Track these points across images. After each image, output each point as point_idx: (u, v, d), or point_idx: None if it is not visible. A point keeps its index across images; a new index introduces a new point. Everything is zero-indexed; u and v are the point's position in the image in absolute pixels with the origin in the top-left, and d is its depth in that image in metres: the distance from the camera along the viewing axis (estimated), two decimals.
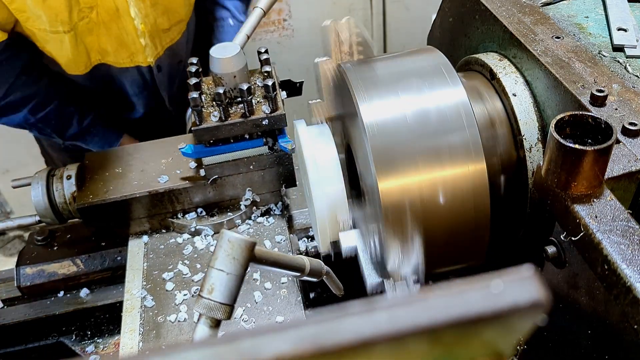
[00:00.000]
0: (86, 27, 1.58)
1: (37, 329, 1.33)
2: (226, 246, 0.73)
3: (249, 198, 1.38)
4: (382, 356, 0.33)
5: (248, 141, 1.31)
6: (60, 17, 1.51)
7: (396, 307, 0.32)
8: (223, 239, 0.73)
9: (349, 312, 0.32)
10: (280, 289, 1.20)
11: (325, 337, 0.31)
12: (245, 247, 0.73)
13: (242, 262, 0.73)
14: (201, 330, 0.74)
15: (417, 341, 0.32)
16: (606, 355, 0.78)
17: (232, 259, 0.73)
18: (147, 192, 1.33)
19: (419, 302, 0.32)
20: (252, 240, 0.74)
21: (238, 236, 0.73)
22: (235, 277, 0.73)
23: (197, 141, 1.28)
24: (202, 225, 1.35)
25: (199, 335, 0.74)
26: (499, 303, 0.32)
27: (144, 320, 1.17)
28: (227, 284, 0.73)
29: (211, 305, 0.73)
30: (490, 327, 0.33)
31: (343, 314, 0.32)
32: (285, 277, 1.22)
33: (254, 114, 1.27)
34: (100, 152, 1.48)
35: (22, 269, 1.37)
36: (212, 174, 1.34)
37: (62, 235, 1.44)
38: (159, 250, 1.33)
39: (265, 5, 1.37)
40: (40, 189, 1.34)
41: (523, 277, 0.33)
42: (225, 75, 1.27)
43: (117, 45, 1.65)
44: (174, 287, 1.23)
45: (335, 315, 0.32)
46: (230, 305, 0.74)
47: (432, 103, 0.94)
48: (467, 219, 0.92)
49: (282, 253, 1.01)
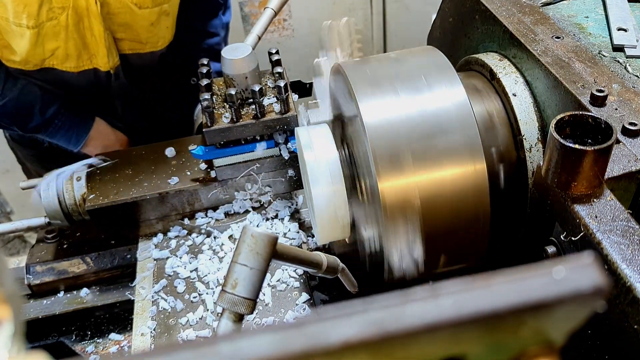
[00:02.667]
0: (52, 30, 1.51)
1: (37, 329, 1.33)
2: (249, 241, 0.73)
3: (260, 199, 1.38)
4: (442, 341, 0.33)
5: (259, 142, 1.31)
6: (28, 9, 1.43)
7: (460, 293, 0.33)
8: (246, 234, 0.73)
9: (413, 297, 0.33)
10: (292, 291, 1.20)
11: (391, 322, 0.31)
12: (269, 242, 0.74)
13: (265, 256, 0.73)
14: (225, 325, 0.74)
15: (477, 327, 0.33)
16: (606, 355, 0.78)
17: (255, 254, 0.73)
18: (157, 194, 1.32)
19: (482, 288, 0.33)
20: (275, 235, 0.74)
21: (261, 231, 0.73)
22: (259, 272, 0.73)
23: (208, 142, 1.28)
24: (212, 227, 1.35)
25: (222, 329, 0.74)
26: (561, 289, 0.33)
27: (156, 323, 1.17)
28: (250, 279, 0.73)
29: (235, 300, 0.73)
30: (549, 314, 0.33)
31: (408, 299, 0.32)
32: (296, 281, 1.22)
33: (266, 116, 1.27)
34: (110, 153, 1.47)
35: (32, 266, 1.36)
36: (223, 175, 1.34)
37: (72, 234, 1.44)
38: (169, 251, 1.33)
39: (276, 6, 1.36)
40: (50, 190, 1.34)
41: (584, 263, 0.34)
42: (236, 76, 1.27)
43: (81, 46, 1.58)
44: (185, 289, 1.23)
45: (401, 301, 0.32)
46: (254, 300, 0.74)
47: (432, 103, 0.94)
48: (467, 219, 0.92)
49: (301, 249, 1.01)
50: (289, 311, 1.16)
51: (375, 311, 0.32)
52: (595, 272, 0.33)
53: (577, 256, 0.34)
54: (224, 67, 1.27)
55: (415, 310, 0.32)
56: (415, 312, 0.32)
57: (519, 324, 0.33)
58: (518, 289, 0.32)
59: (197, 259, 1.29)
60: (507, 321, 0.33)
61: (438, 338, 0.32)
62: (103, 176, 1.37)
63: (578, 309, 0.34)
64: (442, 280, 0.34)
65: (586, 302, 0.33)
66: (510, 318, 0.32)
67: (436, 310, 0.32)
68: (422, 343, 0.32)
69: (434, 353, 0.34)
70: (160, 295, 1.22)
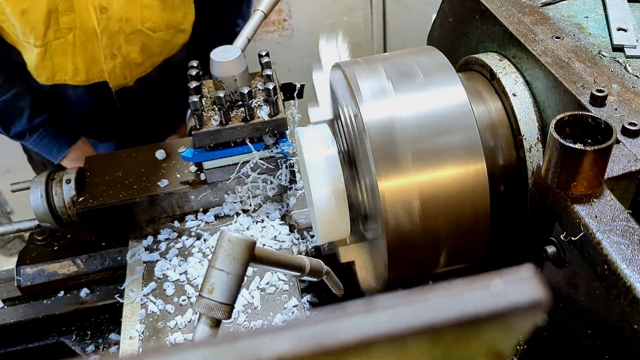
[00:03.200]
0: (60, 47, 1.54)
1: (37, 329, 1.33)
2: (226, 246, 0.73)
3: (250, 202, 1.37)
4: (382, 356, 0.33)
5: (249, 145, 1.31)
6: (35, 32, 1.48)
7: (396, 307, 0.32)
8: (223, 239, 0.73)
9: (348, 311, 0.32)
10: (281, 294, 1.20)
11: (325, 337, 0.31)
12: (246, 247, 0.73)
13: (242, 261, 0.73)
14: (201, 330, 0.74)
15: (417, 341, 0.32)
16: (606, 355, 0.78)
17: (232, 259, 0.73)
18: (147, 196, 1.32)
19: (419, 302, 0.32)
20: (252, 240, 0.74)
21: (238, 236, 0.73)
22: (236, 277, 0.73)
23: (198, 145, 1.28)
24: (202, 230, 1.35)
25: (199, 335, 0.74)
26: (499, 303, 0.32)
27: (144, 327, 1.16)
28: (227, 284, 0.73)
29: (211, 305, 0.73)
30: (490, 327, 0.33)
31: (343, 313, 0.32)
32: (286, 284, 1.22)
33: (255, 118, 1.27)
34: (100, 156, 1.48)
35: (22, 268, 1.36)
36: (213, 177, 1.34)
37: (63, 235, 1.43)
38: (158, 254, 1.32)
39: (266, 8, 1.36)
40: (40, 193, 1.34)
41: (523, 277, 0.33)
42: (225, 78, 1.27)
43: (90, 61, 1.61)
44: (174, 292, 1.23)
45: (335, 315, 0.32)
46: (230, 305, 0.74)
47: (432, 103, 0.94)
48: (467, 219, 0.92)
49: (282, 253, 1.01)
50: (277, 314, 1.15)
51: (310, 326, 0.32)
52: (534, 285, 0.33)
53: (516, 269, 0.34)
54: (213, 69, 1.27)
55: (350, 324, 0.32)
56: (349, 327, 0.31)
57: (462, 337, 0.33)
58: (455, 303, 0.32)
59: (187, 261, 1.28)
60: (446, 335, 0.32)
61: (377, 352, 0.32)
62: (93, 179, 1.37)
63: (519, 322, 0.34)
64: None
65: (526, 315, 0.33)
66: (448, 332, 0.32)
67: (371, 324, 0.31)
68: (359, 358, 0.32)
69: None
70: (149, 298, 1.21)
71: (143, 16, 1.59)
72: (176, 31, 1.71)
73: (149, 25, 1.62)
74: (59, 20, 1.48)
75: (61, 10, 1.47)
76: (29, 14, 1.44)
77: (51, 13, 1.46)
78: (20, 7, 1.42)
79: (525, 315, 0.33)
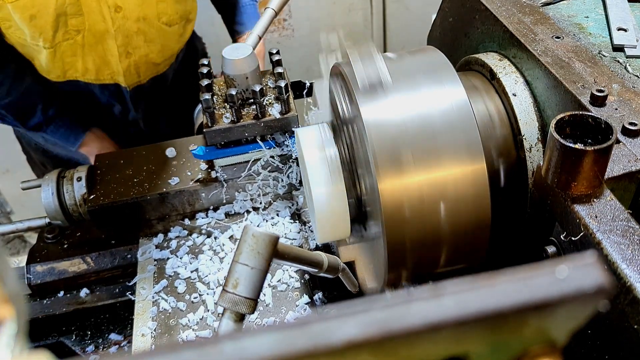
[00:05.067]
0: (69, 48, 1.55)
1: (37, 329, 1.33)
2: (250, 241, 0.73)
3: (260, 199, 1.37)
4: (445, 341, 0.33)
5: (260, 143, 1.31)
6: (44, 35, 1.49)
7: (463, 292, 0.33)
8: (247, 234, 0.73)
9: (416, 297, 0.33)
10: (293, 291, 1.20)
11: (394, 322, 0.32)
12: (270, 242, 0.74)
13: (266, 256, 0.74)
14: (226, 325, 0.74)
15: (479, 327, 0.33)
16: (606, 355, 0.78)
17: (256, 254, 0.73)
18: (157, 194, 1.32)
19: (486, 287, 0.33)
20: (276, 235, 0.74)
21: (262, 231, 0.73)
22: (259, 272, 0.73)
23: (209, 143, 1.28)
24: (212, 228, 1.35)
25: (223, 329, 0.74)
26: (565, 288, 0.33)
27: (156, 324, 1.17)
28: (251, 279, 0.73)
29: (236, 299, 0.73)
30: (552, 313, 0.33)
31: (411, 299, 0.32)
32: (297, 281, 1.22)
33: (266, 116, 1.27)
34: (111, 154, 1.47)
35: (32, 266, 1.36)
36: (224, 175, 1.34)
37: (73, 233, 1.43)
38: (169, 252, 1.32)
39: (276, 6, 1.36)
40: (51, 190, 1.34)
41: (587, 262, 0.34)
42: (237, 76, 1.27)
43: (101, 63, 1.63)
44: (185, 290, 1.23)
45: (404, 300, 0.32)
46: (255, 300, 0.74)
47: (432, 103, 0.94)
48: (468, 218, 0.92)
49: (302, 249, 1.02)
50: (289, 312, 1.16)
51: (378, 311, 0.32)
52: (598, 271, 0.33)
53: (580, 255, 0.34)
54: (225, 67, 1.27)
55: (418, 309, 0.32)
56: (418, 312, 0.32)
57: (521, 323, 0.33)
58: (521, 289, 0.32)
59: (198, 259, 1.29)
60: (509, 321, 0.33)
61: (440, 337, 0.32)
62: (103, 176, 1.37)
63: (581, 308, 0.34)
64: (442, 281, 0.34)
65: (589, 301, 0.33)
66: (513, 317, 0.32)
67: (439, 309, 0.32)
68: (424, 343, 0.32)
69: (437, 352, 0.35)
70: (161, 296, 1.22)
71: (159, 11, 1.61)
72: (186, 22, 1.73)
73: (165, 20, 1.64)
74: (68, 22, 1.50)
75: (69, 13, 1.48)
76: (38, 18, 1.45)
77: (59, 17, 1.47)
78: (29, 12, 1.44)
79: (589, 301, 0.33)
